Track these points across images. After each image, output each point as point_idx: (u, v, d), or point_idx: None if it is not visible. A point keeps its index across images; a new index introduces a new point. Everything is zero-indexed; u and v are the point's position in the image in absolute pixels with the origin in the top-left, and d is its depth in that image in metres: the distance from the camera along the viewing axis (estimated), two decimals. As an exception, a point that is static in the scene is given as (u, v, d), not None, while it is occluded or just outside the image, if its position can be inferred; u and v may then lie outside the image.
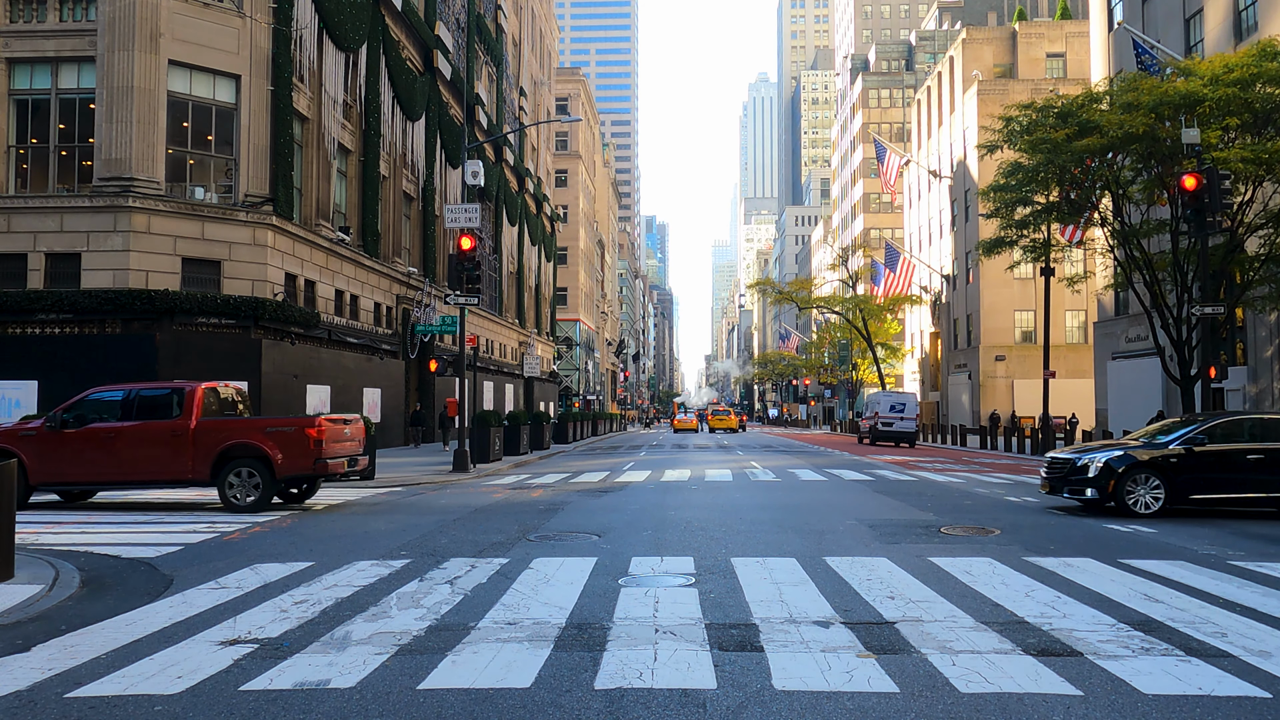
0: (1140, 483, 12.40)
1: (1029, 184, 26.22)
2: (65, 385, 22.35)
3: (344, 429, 13.84)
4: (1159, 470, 12.39)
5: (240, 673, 5.17)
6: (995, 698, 4.68)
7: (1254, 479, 12.37)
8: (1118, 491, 12.40)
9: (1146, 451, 12.59)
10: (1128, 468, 12.42)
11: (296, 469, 12.93)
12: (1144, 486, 12.39)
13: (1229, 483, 12.43)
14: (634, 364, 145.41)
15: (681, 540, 10.17)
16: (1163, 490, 12.37)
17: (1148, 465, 12.41)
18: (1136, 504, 12.36)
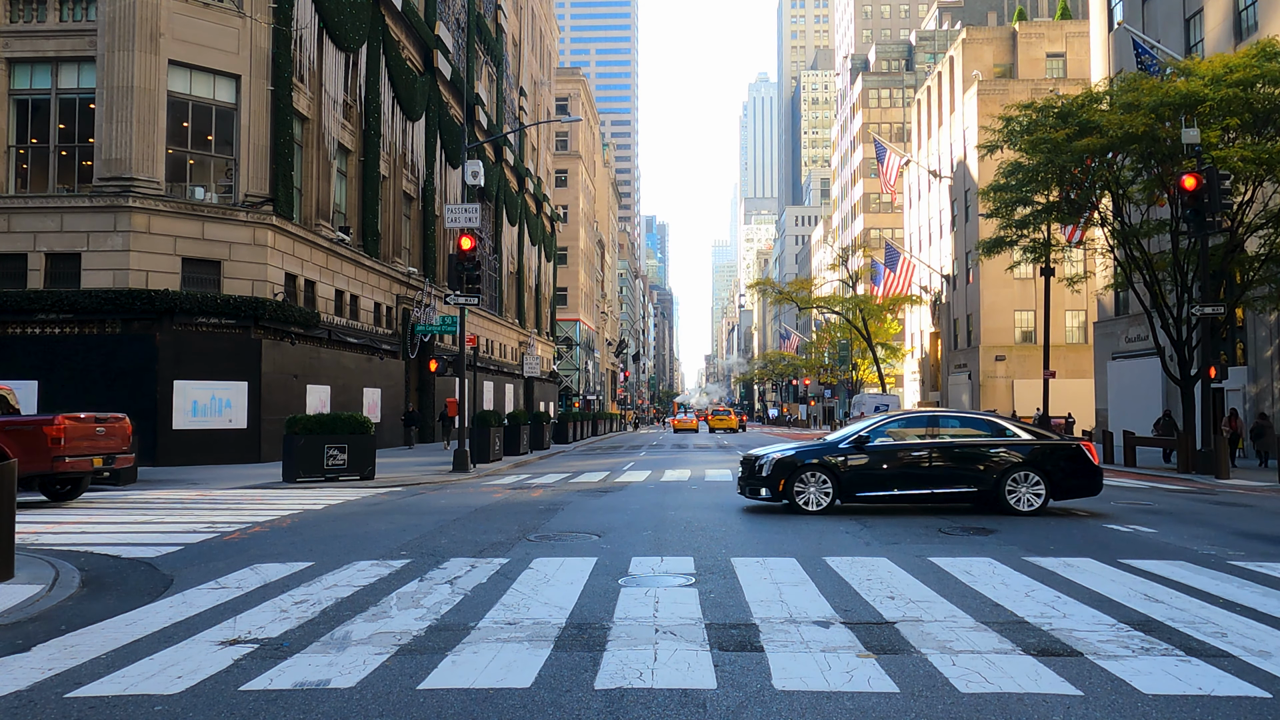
0: (810, 481, 12.53)
1: (1029, 184, 26.20)
2: (65, 385, 22.39)
3: (96, 428, 13.96)
4: (828, 469, 12.55)
5: (240, 673, 5.16)
6: (995, 698, 4.68)
7: (918, 475, 12.55)
8: (788, 490, 12.54)
9: (817, 450, 12.78)
10: (797, 466, 12.57)
11: (34, 468, 13.00)
12: (814, 485, 12.53)
13: (894, 479, 12.60)
14: (634, 364, 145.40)
15: (681, 540, 10.17)
16: (831, 488, 12.54)
17: (818, 464, 12.57)
18: (807, 502, 12.53)
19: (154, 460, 22.18)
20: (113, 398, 21.83)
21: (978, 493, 12.53)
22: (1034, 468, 12.46)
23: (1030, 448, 12.59)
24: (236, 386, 24.15)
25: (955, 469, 12.51)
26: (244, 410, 24.28)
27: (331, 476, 18.61)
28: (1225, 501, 15.16)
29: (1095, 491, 12.81)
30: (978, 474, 12.49)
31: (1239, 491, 17.30)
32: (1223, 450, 20.24)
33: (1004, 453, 12.55)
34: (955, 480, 12.50)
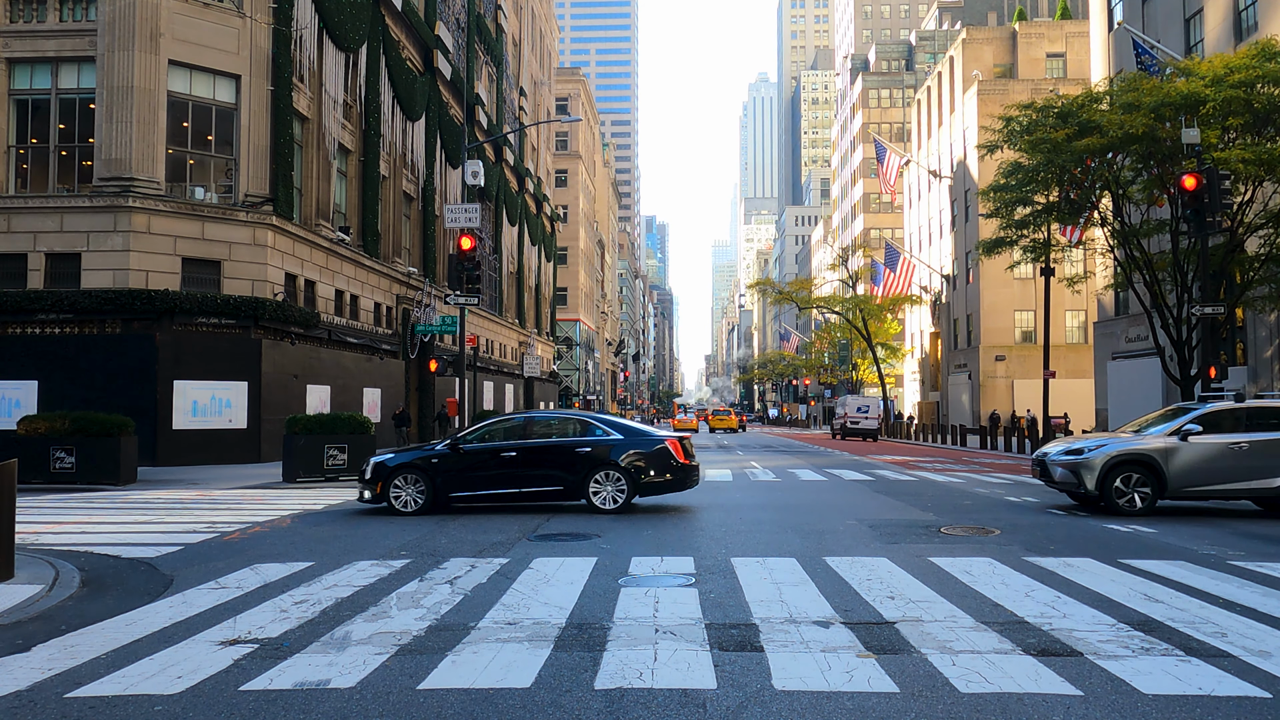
0: (406, 483, 12.72)
1: (1029, 184, 26.21)
2: (65, 385, 22.39)
3: None
4: (422, 471, 12.74)
5: (240, 673, 5.17)
6: (995, 698, 4.68)
7: (509, 476, 12.74)
8: (385, 492, 12.74)
9: (415, 454, 12.98)
10: (394, 469, 12.76)
11: None
12: (410, 487, 12.71)
13: (486, 480, 12.79)
14: (634, 364, 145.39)
15: (681, 540, 10.17)
16: (426, 490, 12.70)
17: (412, 466, 12.75)
18: (405, 504, 12.71)
19: (154, 460, 22.18)
20: (112, 398, 21.83)
21: (564, 490, 12.76)
22: (617, 466, 12.66)
23: (616, 446, 12.77)
24: (236, 386, 24.15)
25: (543, 469, 12.75)
26: (244, 410, 24.28)
27: (331, 476, 18.61)
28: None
29: (683, 487, 13.00)
30: (564, 473, 12.71)
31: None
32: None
33: (590, 451, 12.73)
34: (543, 479, 12.74)
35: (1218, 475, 12.31)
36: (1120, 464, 12.49)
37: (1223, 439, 12.39)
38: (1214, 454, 12.34)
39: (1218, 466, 12.33)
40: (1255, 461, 12.24)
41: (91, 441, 17.27)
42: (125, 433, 17.78)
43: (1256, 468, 12.24)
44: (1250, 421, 12.63)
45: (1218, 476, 12.31)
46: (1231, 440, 12.37)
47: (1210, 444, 12.37)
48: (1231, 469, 12.30)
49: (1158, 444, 12.51)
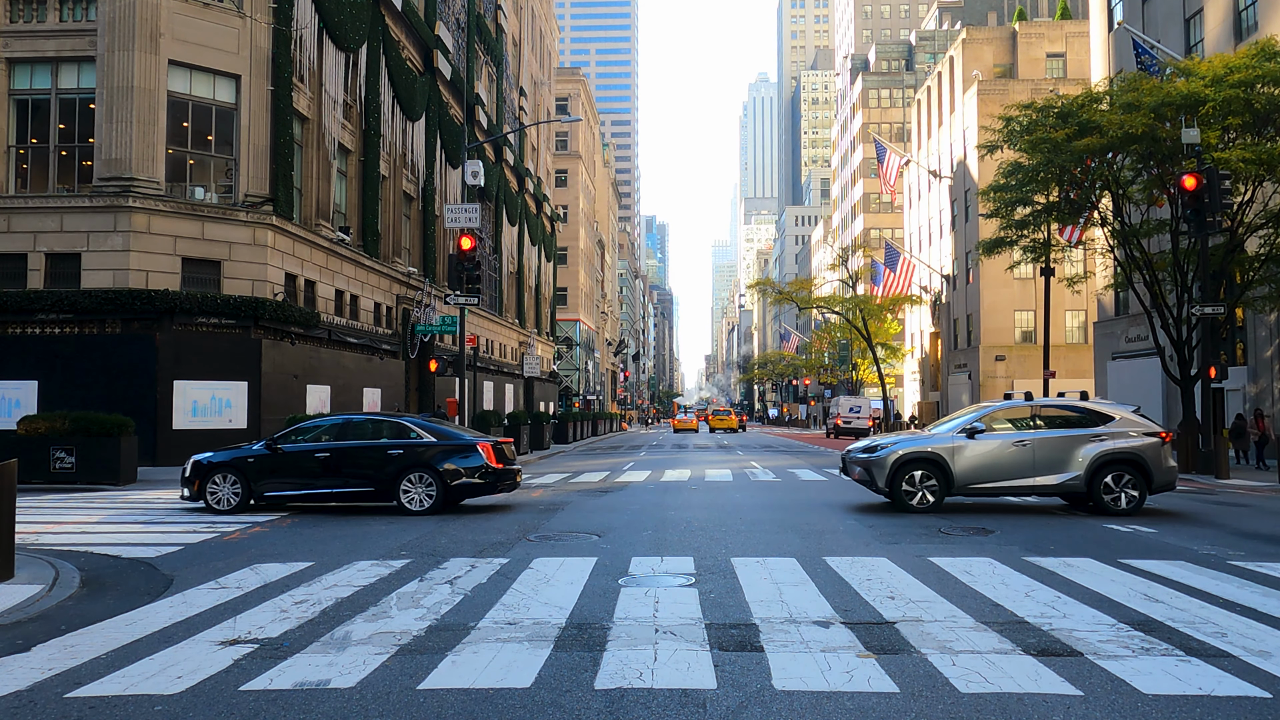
0: (223, 481, 12.97)
1: (1029, 184, 26.19)
2: (65, 385, 22.38)
3: None
4: (238, 470, 12.98)
5: (240, 673, 5.17)
6: (995, 698, 4.68)
7: (324, 475, 12.95)
8: (203, 490, 12.98)
9: (232, 454, 13.21)
10: (211, 467, 13.03)
11: None
12: (227, 485, 12.97)
13: (301, 479, 13.01)
14: (634, 364, 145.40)
15: (681, 540, 10.17)
16: (241, 487, 12.94)
17: (228, 465, 13.00)
18: (219, 501, 12.95)
19: (154, 460, 22.17)
20: (112, 398, 21.83)
21: (375, 491, 12.92)
22: (428, 469, 12.79)
23: (427, 449, 12.92)
24: (236, 386, 24.14)
25: (356, 470, 12.95)
26: (244, 410, 24.27)
27: (331, 476, 18.57)
28: (1225, 501, 15.16)
29: (495, 490, 13.19)
30: (375, 474, 12.89)
31: (1239, 492, 17.31)
32: (1223, 450, 20.24)
33: (401, 454, 12.88)
34: (356, 480, 12.94)
35: (1002, 472, 12.76)
36: (909, 462, 12.86)
37: (1008, 437, 12.87)
38: (998, 451, 12.79)
39: (1002, 463, 12.76)
40: (1038, 458, 12.70)
41: (91, 441, 17.28)
42: (125, 433, 17.78)
43: (1039, 464, 12.69)
44: (1036, 421, 13.15)
45: (1002, 473, 12.76)
46: (1016, 438, 12.83)
47: (996, 442, 12.85)
48: (1015, 465, 12.73)
49: (945, 442, 12.94)
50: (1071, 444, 12.69)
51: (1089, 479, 12.55)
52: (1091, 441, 12.67)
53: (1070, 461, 12.63)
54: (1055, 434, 12.82)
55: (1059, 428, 12.97)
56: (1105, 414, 12.98)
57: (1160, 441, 12.76)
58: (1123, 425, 12.84)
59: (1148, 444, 12.65)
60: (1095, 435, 12.72)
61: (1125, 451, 12.56)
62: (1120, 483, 12.56)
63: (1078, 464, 12.60)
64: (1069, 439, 12.74)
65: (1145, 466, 12.56)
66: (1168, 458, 12.80)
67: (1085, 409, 13.14)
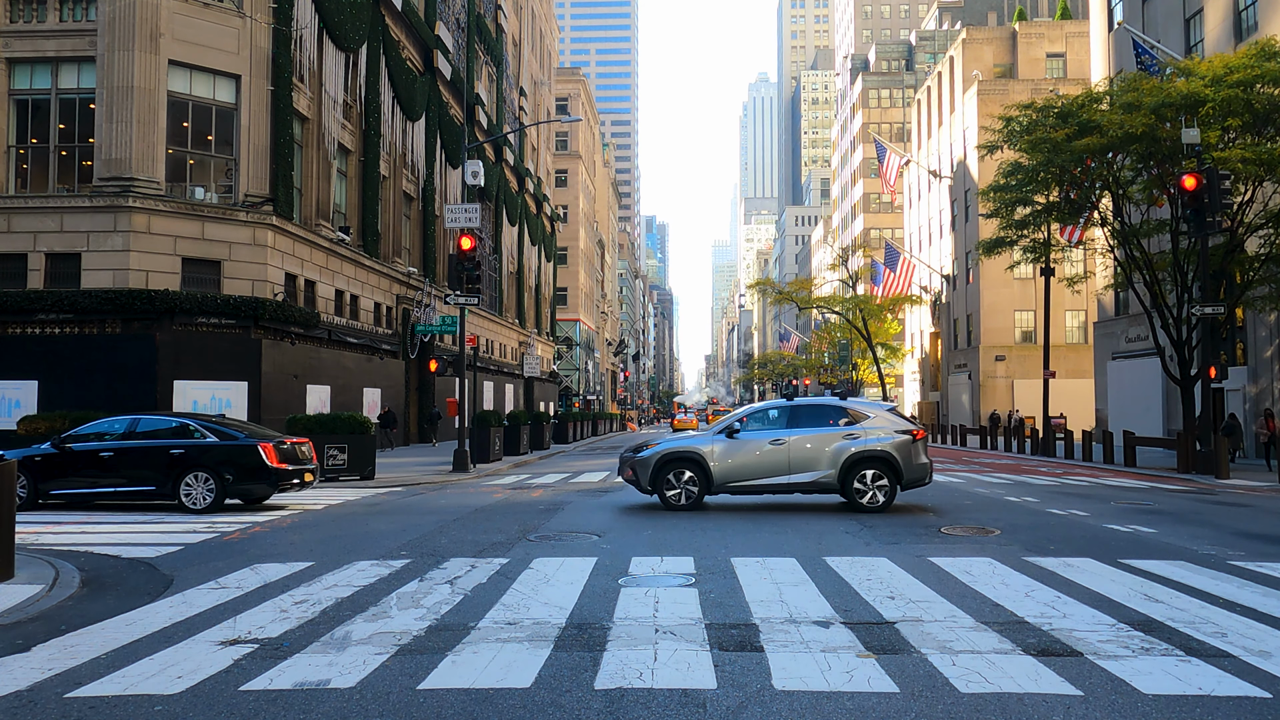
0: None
1: (1029, 184, 26.19)
2: (65, 385, 22.39)
3: None
4: (25, 469, 13.10)
5: (240, 673, 5.17)
6: (995, 698, 4.68)
7: (109, 474, 13.20)
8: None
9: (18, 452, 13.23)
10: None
11: None
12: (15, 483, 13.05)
13: (86, 477, 13.26)
14: (634, 364, 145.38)
15: (681, 540, 10.17)
16: (28, 488, 13.10)
17: (22, 463, 13.06)
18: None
19: (154, 460, 22.15)
20: (113, 398, 21.83)
21: (157, 490, 13.15)
22: (208, 468, 13.04)
23: (209, 449, 13.17)
24: (236, 386, 24.14)
25: (139, 469, 13.17)
26: (244, 410, 24.27)
27: (331, 476, 18.61)
28: (1225, 501, 15.16)
29: (275, 489, 13.44)
30: (157, 473, 13.12)
31: (1239, 492, 17.30)
32: (1222, 450, 20.23)
33: (182, 453, 13.17)
34: (138, 479, 13.18)
35: (760, 470, 13.02)
36: (671, 461, 13.16)
37: (765, 436, 13.10)
38: (757, 450, 13.03)
39: (761, 462, 13.00)
40: (794, 456, 12.96)
41: (91, 441, 17.24)
42: (125, 433, 17.75)
43: (795, 462, 12.95)
44: (797, 418, 13.33)
45: (760, 471, 13.03)
46: (773, 437, 13.06)
47: (754, 441, 13.08)
48: (772, 464, 12.97)
49: (705, 442, 13.21)
50: (826, 442, 12.98)
51: (842, 476, 12.84)
52: (846, 440, 12.97)
53: (825, 459, 12.92)
54: (811, 433, 13.09)
55: (819, 426, 13.22)
56: (861, 413, 13.28)
57: (911, 439, 13.01)
58: (877, 424, 13.15)
59: (899, 442, 12.92)
60: (850, 434, 13.03)
61: (877, 450, 12.87)
62: (871, 480, 12.84)
63: (832, 462, 12.90)
64: (824, 437, 13.02)
65: (895, 464, 12.83)
66: (918, 455, 13.05)
67: (842, 408, 13.44)
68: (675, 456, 13.13)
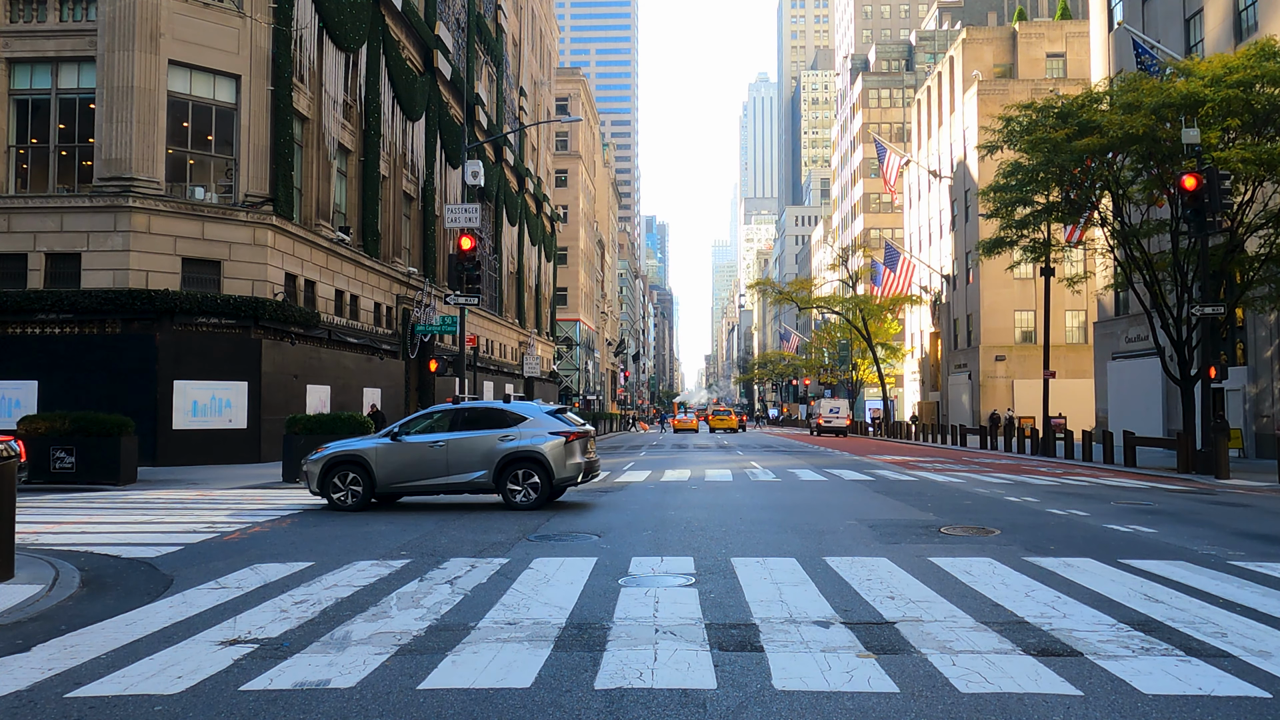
0: None
1: (1029, 184, 26.19)
2: (65, 385, 22.39)
3: None
4: None
5: (240, 673, 5.17)
6: (995, 698, 4.68)
7: None
8: None
9: None
10: None
11: None
12: None
13: None
14: (634, 364, 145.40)
15: (681, 540, 10.17)
16: None
17: None
18: None
19: (154, 460, 22.18)
20: (113, 398, 21.83)
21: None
22: None
23: None
24: (236, 386, 24.15)
25: None
26: (244, 410, 24.28)
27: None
28: (1225, 501, 15.16)
29: None
30: None
31: (1239, 491, 17.30)
32: (1223, 450, 20.23)
33: None
34: None
35: (421, 472, 13.37)
36: (337, 463, 13.48)
37: (427, 439, 13.46)
38: (419, 453, 13.38)
39: (422, 464, 13.34)
40: (452, 458, 13.32)
41: (91, 441, 17.27)
42: (125, 433, 17.78)
43: (453, 463, 13.31)
44: (461, 421, 13.73)
45: (421, 473, 13.37)
46: (433, 440, 13.42)
47: (417, 444, 13.44)
48: (433, 466, 13.31)
49: (370, 445, 13.56)
50: (483, 444, 13.36)
51: (496, 476, 13.23)
52: (501, 441, 13.35)
53: (481, 460, 13.30)
54: (468, 435, 13.46)
55: (478, 429, 13.57)
56: (519, 415, 13.64)
57: (564, 441, 13.35)
58: (533, 426, 13.51)
59: (551, 444, 13.28)
60: (505, 435, 13.39)
61: (529, 450, 13.25)
62: (523, 479, 13.23)
63: (487, 462, 13.28)
64: (481, 439, 13.40)
65: (547, 464, 13.20)
66: (572, 455, 13.41)
67: (502, 410, 13.79)
68: (340, 459, 13.49)
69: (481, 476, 13.26)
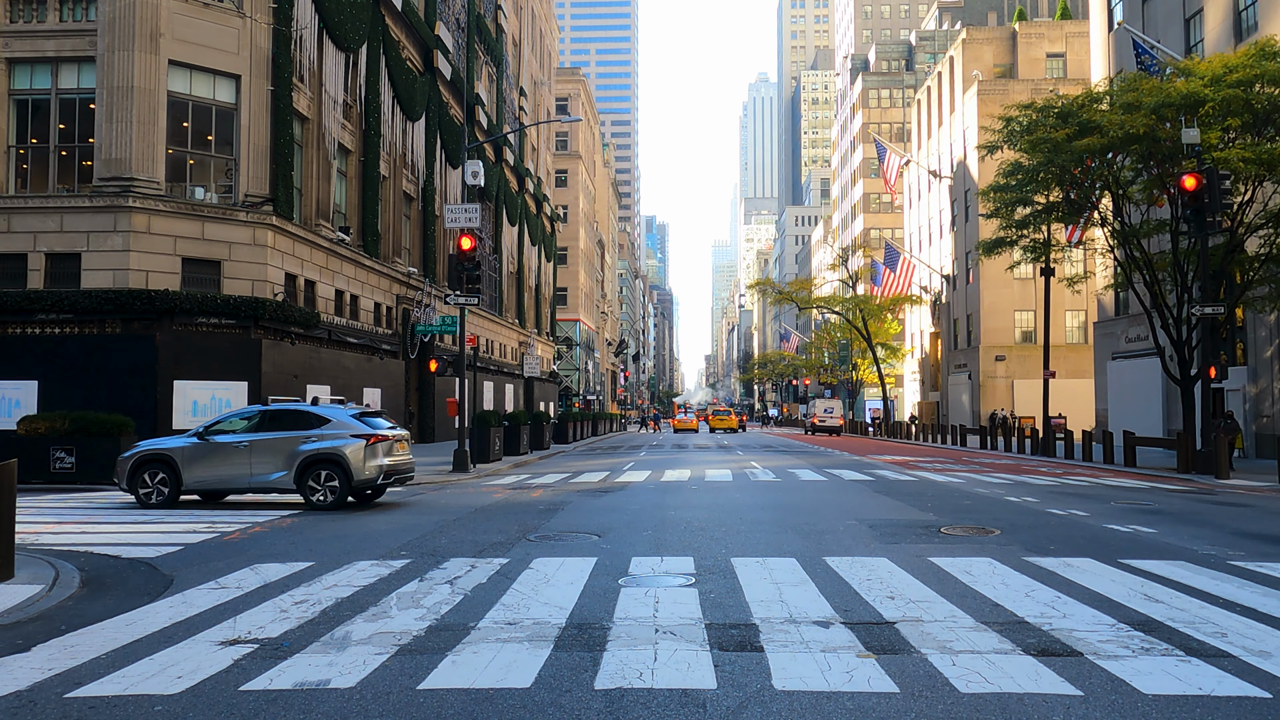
0: None
1: (1029, 184, 26.19)
2: (65, 385, 22.37)
3: None
4: None
5: (240, 673, 5.17)
6: (995, 698, 4.68)
7: None
8: None
9: None
10: None
11: None
12: None
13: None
14: (634, 364, 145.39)
15: (681, 540, 10.17)
16: None
17: None
18: None
19: (154, 460, 22.15)
20: (112, 398, 21.83)
21: None
22: None
23: None
24: (236, 386, 24.14)
25: None
26: (244, 410, 24.26)
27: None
28: (1225, 501, 15.16)
29: None
30: None
31: (1239, 492, 17.30)
32: (1222, 450, 20.24)
33: None
34: None
35: (226, 471, 13.66)
36: (146, 461, 13.82)
37: (233, 439, 13.77)
38: (225, 453, 13.69)
39: (227, 464, 13.62)
40: (256, 458, 13.64)
41: (91, 441, 17.28)
42: (125, 433, 17.79)
43: (257, 463, 13.63)
44: (267, 422, 13.98)
45: (226, 472, 13.66)
46: (238, 440, 13.74)
47: (223, 443, 13.74)
48: (237, 465, 13.60)
49: (179, 444, 13.91)
50: (286, 445, 13.62)
51: (297, 476, 13.49)
52: (304, 442, 13.59)
53: (283, 461, 13.57)
54: (273, 436, 13.71)
55: (284, 430, 13.78)
56: (323, 417, 13.86)
57: (365, 443, 13.56)
58: (337, 428, 13.71)
59: (352, 445, 13.49)
60: (308, 436, 13.63)
61: (330, 452, 13.47)
62: (323, 480, 13.45)
63: (289, 463, 13.53)
64: (285, 440, 13.66)
65: (346, 465, 13.40)
66: (373, 458, 13.62)
67: (308, 413, 14.00)
68: (149, 458, 13.76)
69: (283, 477, 13.55)
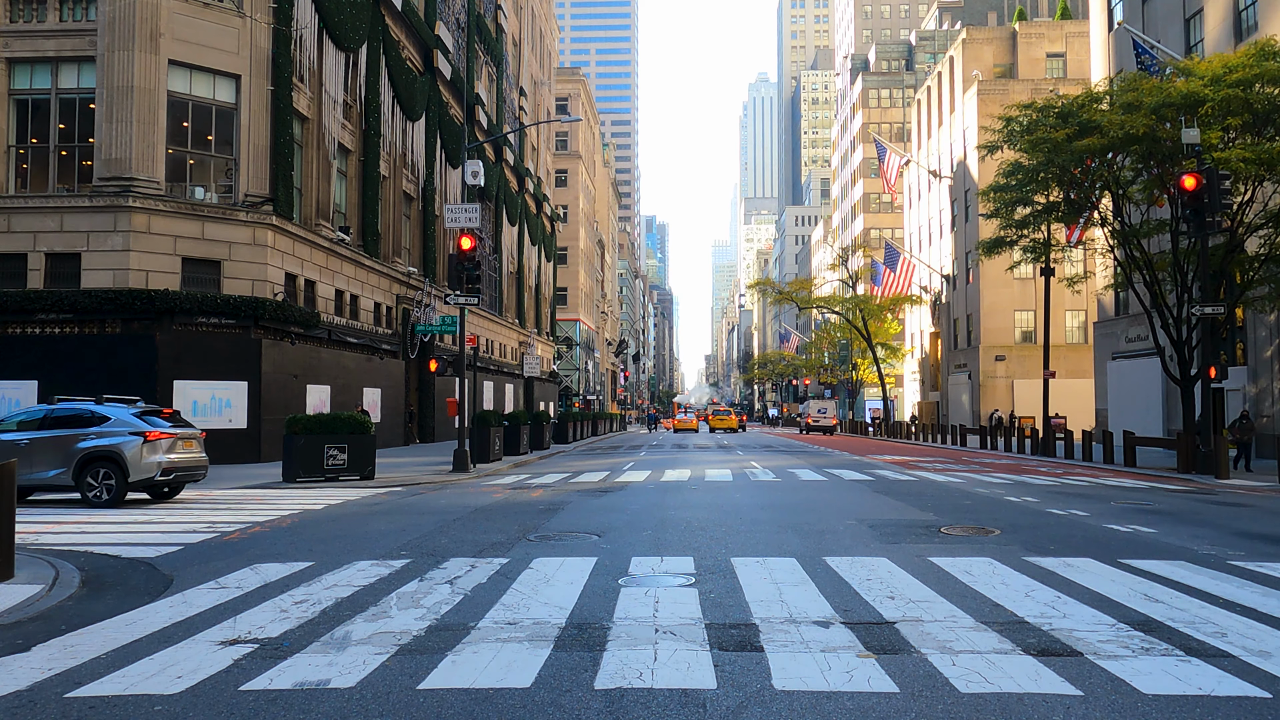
0: None
1: (1029, 184, 26.18)
2: (65, 385, 22.37)
3: None
4: None
5: (240, 673, 5.16)
6: (995, 698, 4.67)
7: None
8: None
9: None
10: None
11: None
12: None
13: None
14: (634, 364, 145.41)
15: (681, 540, 10.17)
16: None
17: None
18: None
19: (154, 460, 22.15)
20: (113, 398, 21.82)
21: None
22: None
23: None
24: (236, 386, 24.15)
25: None
26: (244, 410, 24.28)
27: (331, 476, 18.61)
28: (1225, 501, 15.16)
29: None
30: None
31: (1239, 491, 17.30)
32: (1223, 450, 20.23)
33: None
34: None
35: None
36: None
37: (16, 437, 13.92)
38: (6, 450, 13.54)
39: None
40: (36, 455, 13.80)
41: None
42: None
43: (37, 460, 13.78)
44: (50, 420, 14.14)
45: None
46: (21, 438, 13.91)
47: (4, 441, 13.83)
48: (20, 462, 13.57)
49: None
50: (66, 442, 13.83)
51: (76, 474, 13.72)
52: (83, 440, 13.80)
53: (62, 459, 13.78)
54: (52, 434, 13.93)
55: (67, 427, 13.98)
56: (103, 416, 14.07)
57: (143, 440, 13.80)
58: (116, 426, 13.93)
59: (129, 443, 13.74)
60: (87, 434, 13.84)
61: (107, 449, 13.69)
62: (101, 477, 13.72)
63: (67, 461, 13.76)
64: (65, 438, 13.87)
65: (123, 462, 13.64)
66: (152, 454, 13.85)
67: (90, 411, 14.14)
68: None
69: (61, 474, 13.75)
